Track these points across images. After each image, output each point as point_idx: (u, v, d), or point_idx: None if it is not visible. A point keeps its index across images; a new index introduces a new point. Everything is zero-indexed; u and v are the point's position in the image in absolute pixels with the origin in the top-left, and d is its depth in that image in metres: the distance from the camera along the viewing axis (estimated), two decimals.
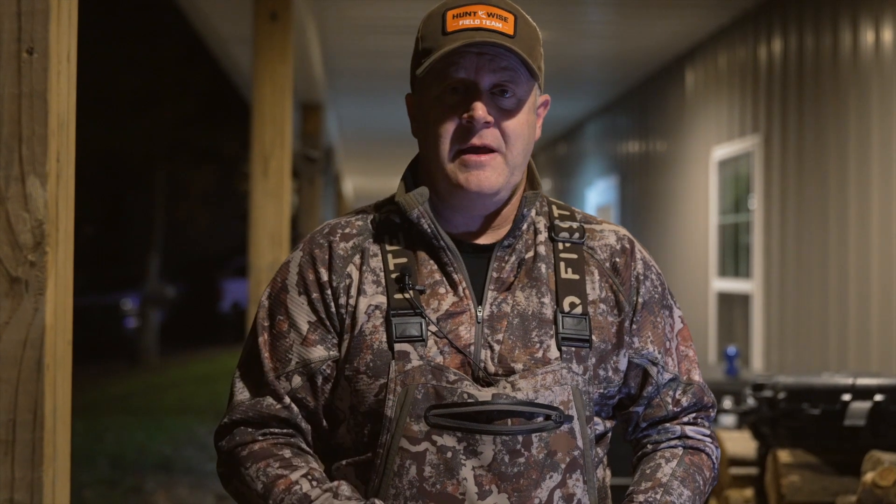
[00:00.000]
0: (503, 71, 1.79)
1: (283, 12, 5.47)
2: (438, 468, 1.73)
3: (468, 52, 1.78)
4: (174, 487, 8.83)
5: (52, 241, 1.58)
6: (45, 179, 1.57)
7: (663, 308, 1.94)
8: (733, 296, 7.35)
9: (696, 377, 1.96)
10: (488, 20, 1.79)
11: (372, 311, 1.79)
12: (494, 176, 1.79)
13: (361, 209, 1.92)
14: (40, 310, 1.58)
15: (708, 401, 1.96)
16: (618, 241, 1.93)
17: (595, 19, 7.71)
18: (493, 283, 1.83)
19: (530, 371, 1.77)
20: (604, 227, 1.95)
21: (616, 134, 11.08)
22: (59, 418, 1.61)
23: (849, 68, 5.55)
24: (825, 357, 5.77)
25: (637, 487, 1.86)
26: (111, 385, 16.03)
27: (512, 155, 1.81)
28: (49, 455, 1.55)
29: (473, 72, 1.78)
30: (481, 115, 1.77)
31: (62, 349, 1.63)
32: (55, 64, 1.55)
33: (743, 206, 7.21)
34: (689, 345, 1.98)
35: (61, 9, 1.56)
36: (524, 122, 1.83)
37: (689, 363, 1.96)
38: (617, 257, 1.91)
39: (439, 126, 1.80)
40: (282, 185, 5.39)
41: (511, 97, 1.81)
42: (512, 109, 1.81)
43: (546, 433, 1.76)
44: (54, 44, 1.54)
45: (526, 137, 1.84)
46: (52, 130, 1.55)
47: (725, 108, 7.51)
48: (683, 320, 1.99)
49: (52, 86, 1.54)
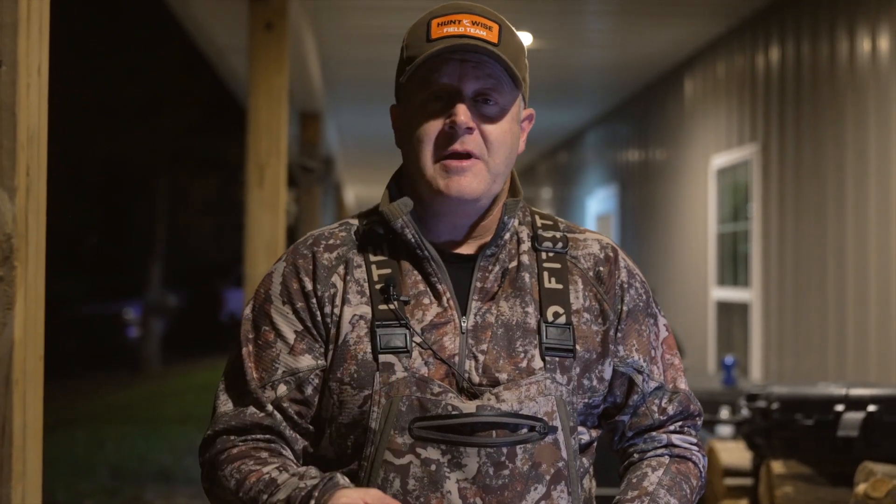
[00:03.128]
0: (487, 78, 1.79)
1: (278, 22, 5.46)
2: (423, 481, 1.72)
3: (451, 58, 1.78)
4: (174, 497, 8.81)
5: (22, 256, 1.56)
6: (13, 193, 1.55)
7: (648, 316, 1.94)
8: (732, 305, 7.33)
9: (682, 385, 1.96)
10: (473, 28, 1.79)
11: (356, 321, 1.78)
12: (476, 182, 1.79)
13: (345, 220, 1.92)
14: (8, 325, 1.56)
15: (694, 409, 1.96)
16: (601, 250, 1.93)
17: (595, 28, 7.70)
18: (476, 293, 1.82)
19: (514, 382, 1.77)
20: (587, 237, 1.94)
21: (616, 142, 11.07)
22: (29, 434, 1.59)
23: (846, 77, 5.54)
24: (823, 366, 5.75)
25: (623, 497, 1.85)
26: (113, 394, 16.03)
27: (494, 162, 1.81)
28: (18, 471, 1.53)
29: (457, 78, 1.78)
30: (463, 120, 1.77)
31: (32, 364, 1.62)
32: (24, 77, 1.54)
33: (742, 215, 7.19)
34: (674, 353, 1.97)
35: (31, 22, 1.55)
36: (507, 131, 1.83)
37: (675, 371, 1.96)
38: (601, 266, 1.91)
39: (422, 132, 1.79)
40: (277, 194, 5.38)
41: (494, 105, 1.81)
42: (494, 117, 1.81)
43: (530, 445, 1.75)
44: (23, 57, 1.53)
45: (508, 146, 1.83)
46: (22, 144, 1.54)
47: (724, 116, 7.50)
48: (669, 328, 1.98)
49: (20, 99, 1.53)
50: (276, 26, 5.45)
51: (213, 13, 6.75)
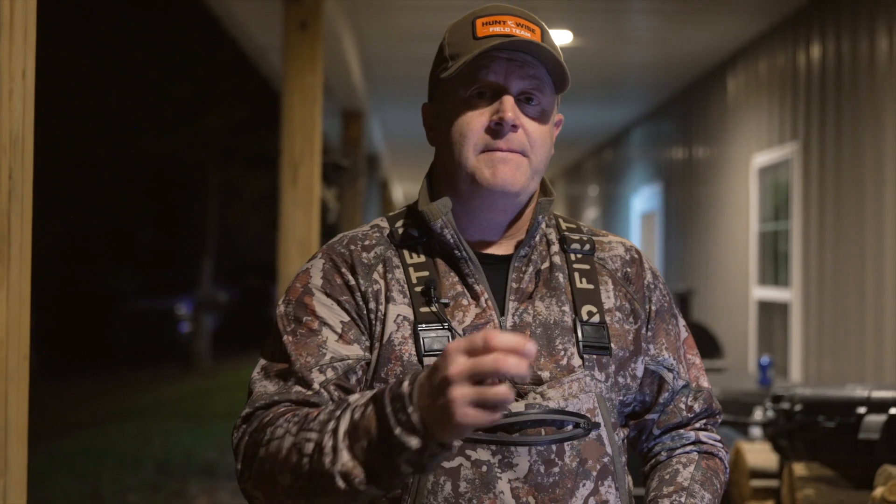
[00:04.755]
0: (531, 79, 1.81)
1: (312, 22, 5.48)
2: (474, 483, 1.72)
3: (498, 56, 1.80)
4: (216, 492, 8.89)
5: (4, 257, 1.59)
6: None
7: (672, 317, 1.99)
8: (773, 304, 7.27)
9: (704, 384, 2.01)
10: (518, 29, 1.81)
11: (401, 321, 1.78)
12: (519, 174, 1.81)
13: (374, 223, 1.92)
14: None
15: (716, 407, 2.01)
16: (626, 252, 1.98)
17: (638, 26, 7.68)
18: (513, 293, 1.84)
19: (557, 380, 1.78)
20: (611, 239, 1.99)
21: (660, 140, 11.01)
22: (12, 431, 1.61)
23: (885, 74, 5.48)
24: (861, 367, 5.69)
25: (659, 492, 1.88)
26: (163, 389, 16.20)
27: (536, 160, 1.83)
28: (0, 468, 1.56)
29: (503, 76, 1.80)
30: (511, 116, 1.78)
31: (15, 364, 1.64)
32: (7, 81, 1.55)
33: (783, 214, 7.13)
34: (695, 352, 2.02)
35: (15, 26, 1.57)
36: (546, 131, 1.85)
37: (697, 370, 2.01)
38: (628, 267, 1.95)
39: (465, 126, 1.81)
40: (311, 193, 5.40)
41: (537, 105, 1.83)
42: (537, 117, 1.83)
43: (577, 441, 1.77)
44: (6, 61, 1.55)
45: (547, 146, 1.86)
46: (4, 147, 1.56)
47: (765, 114, 7.44)
48: (687, 329, 2.03)
49: (3, 103, 1.55)
50: (310, 26, 5.47)
51: (251, 13, 6.80)
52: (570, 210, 17.82)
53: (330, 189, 7.91)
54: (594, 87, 9.80)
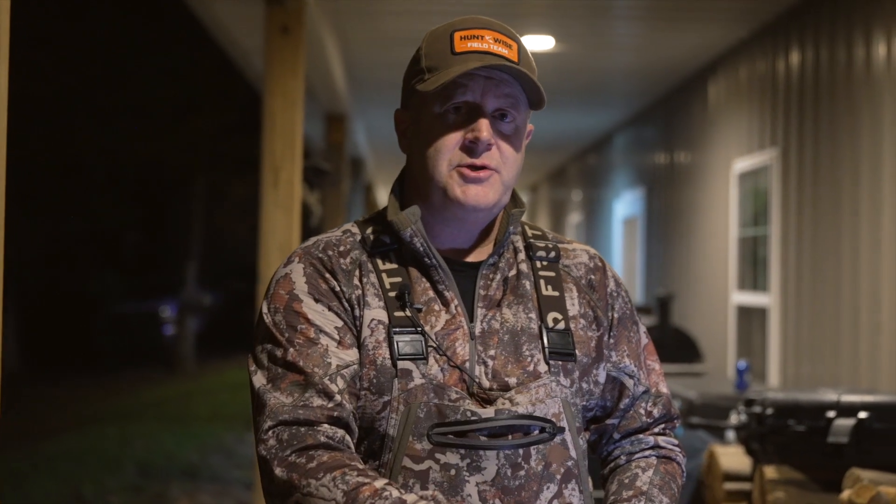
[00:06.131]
0: (506, 97, 1.84)
1: (294, 26, 5.50)
2: (442, 486, 1.76)
3: (476, 74, 1.82)
4: (198, 495, 8.90)
5: None
6: None
7: (633, 324, 2.03)
8: (752, 309, 7.31)
9: (663, 389, 2.04)
10: (495, 45, 1.84)
11: (375, 325, 1.81)
12: (492, 192, 1.84)
13: (345, 228, 1.94)
14: None
15: (674, 412, 2.04)
16: (590, 260, 2.01)
17: (620, 32, 7.72)
18: (481, 300, 1.87)
19: (524, 385, 1.82)
20: (575, 247, 2.02)
21: (642, 146, 11.06)
22: None
23: (862, 82, 5.53)
24: (838, 371, 5.74)
25: (619, 496, 1.91)
26: (147, 391, 16.17)
27: (507, 176, 1.86)
28: None
29: (479, 94, 1.83)
30: (487, 136, 1.82)
31: None
32: None
33: (762, 220, 7.18)
34: (654, 358, 2.06)
35: None
36: (518, 147, 1.89)
37: (657, 376, 2.04)
38: (592, 275, 1.99)
39: (440, 142, 1.83)
40: (292, 196, 5.43)
41: (510, 122, 1.86)
42: (510, 134, 1.86)
43: (542, 445, 1.81)
44: None
45: (519, 161, 1.89)
46: None
47: (745, 120, 7.49)
48: (647, 335, 2.07)
49: None
50: (292, 30, 5.49)
51: (234, 17, 6.81)
52: (554, 214, 17.86)
53: (312, 192, 7.93)
54: (577, 93, 9.84)
